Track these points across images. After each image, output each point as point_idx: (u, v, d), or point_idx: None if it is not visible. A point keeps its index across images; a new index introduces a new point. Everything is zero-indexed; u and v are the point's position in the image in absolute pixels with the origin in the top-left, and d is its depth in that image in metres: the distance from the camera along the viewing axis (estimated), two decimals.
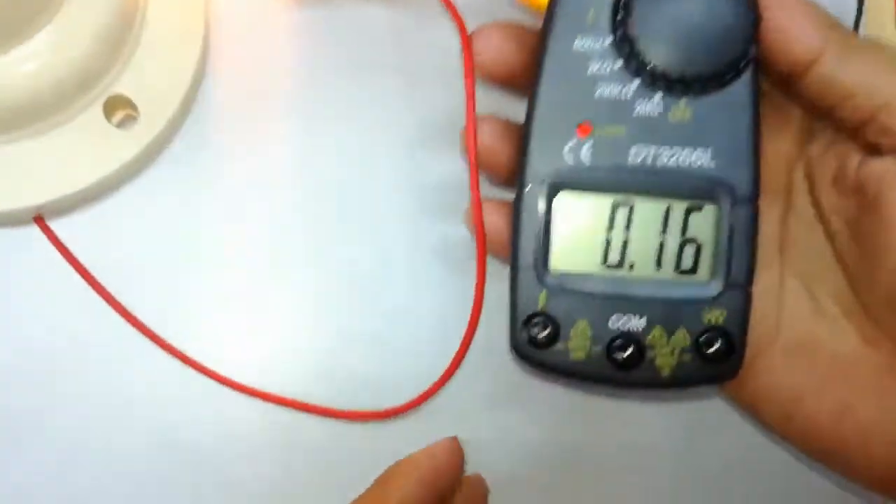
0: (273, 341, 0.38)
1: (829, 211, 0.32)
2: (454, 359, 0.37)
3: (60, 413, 0.37)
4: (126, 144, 0.38)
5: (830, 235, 0.32)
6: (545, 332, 0.31)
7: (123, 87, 0.38)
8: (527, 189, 0.31)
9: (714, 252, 0.31)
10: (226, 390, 0.37)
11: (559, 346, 0.31)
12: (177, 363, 0.38)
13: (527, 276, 0.31)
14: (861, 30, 0.39)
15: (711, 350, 0.31)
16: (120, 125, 0.39)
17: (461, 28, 0.33)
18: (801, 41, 0.30)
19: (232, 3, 0.40)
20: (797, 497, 0.37)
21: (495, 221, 0.33)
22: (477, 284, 0.35)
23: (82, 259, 0.38)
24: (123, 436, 0.37)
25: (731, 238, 0.31)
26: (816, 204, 0.32)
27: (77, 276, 0.38)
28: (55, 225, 0.38)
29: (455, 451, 0.34)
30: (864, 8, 0.38)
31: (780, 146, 0.33)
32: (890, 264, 0.30)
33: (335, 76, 0.40)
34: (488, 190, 0.35)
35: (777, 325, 0.32)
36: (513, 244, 0.32)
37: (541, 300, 0.31)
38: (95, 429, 0.37)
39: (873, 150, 0.30)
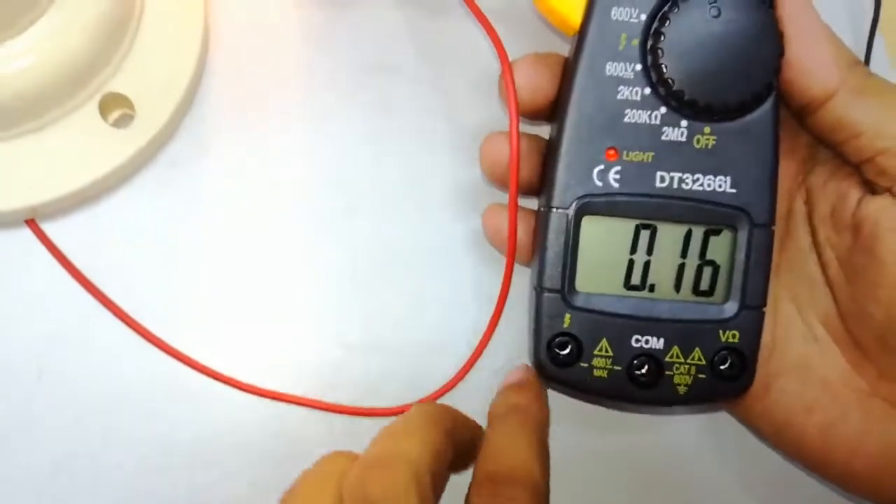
0: (276, 342, 0.38)
1: (824, 242, 0.33)
2: (469, 359, 0.38)
3: (54, 416, 0.36)
4: (122, 144, 0.37)
5: (823, 264, 0.34)
6: (568, 352, 0.32)
7: (120, 84, 0.37)
8: (554, 211, 0.32)
9: (730, 275, 0.32)
10: (226, 389, 0.37)
11: (582, 364, 0.32)
12: (176, 364, 0.37)
13: (553, 297, 0.32)
14: (877, 34, 0.40)
15: (725, 368, 0.32)
16: (116, 124, 0.38)
17: (501, 55, 0.33)
18: (819, 78, 0.31)
19: None
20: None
21: (504, 224, 0.34)
22: (503, 284, 0.36)
23: (77, 263, 0.37)
24: (118, 437, 0.36)
25: (747, 262, 0.32)
26: (813, 232, 0.34)
27: (72, 280, 0.37)
28: (48, 227, 0.37)
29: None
30: (881, 11, 0.40)
31: (785, 172, 0.34)
32: (880, 303, 0.31)
33: (342, 74, 0.39)
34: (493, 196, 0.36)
35: (770, 347, 0.34)
36: (538, 265, 0.32)
37: (566, 321, 0.32)
38: (89, 431, 0.36)
39: (870, 187, 0.32)
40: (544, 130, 0.34)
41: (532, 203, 0.34)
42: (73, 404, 0.36)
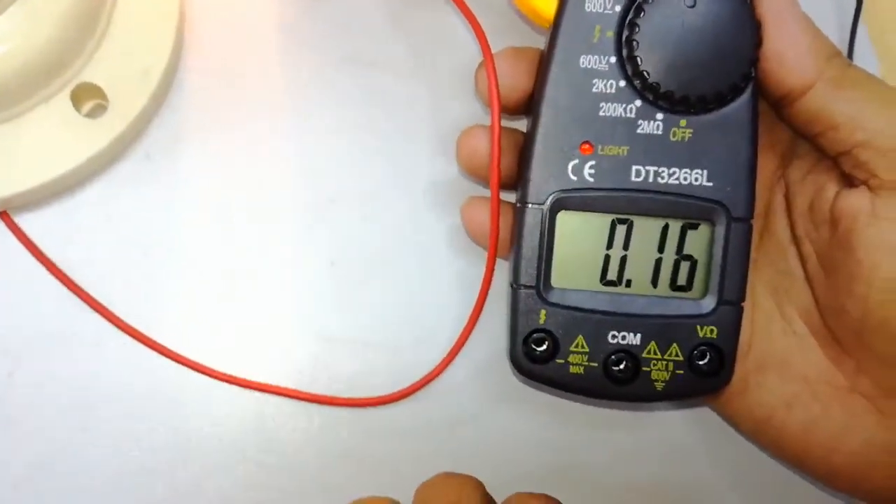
0: (255, 336, 0.37)
1: (803, 236, 0.33)
2: (451, 350, 0.37)
3: (28, 414, 0.36)
4: (96, 135, 0.36)
5: (803, 259, 0.33)
6: (544, 348, 0.32)
7: (93, 74, 0.36)
8: (529, 207, 0.31)
9: (708, 270, 0.32)
10: (206, 384, 0.37)
11: (558, 360, 0.32)
12: (155, 358, 0.37)
13: (528, 293, 0.32)
14: (860, 23, 0.39)
15: (703, 364, 0.32)
16: (89, 115, 0.37)
17: (484, 47, 0.33)
18: (796, 70, 0.30)
19: None
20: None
21: (483, 217, 0.34)
22: (485, 276, 0.36)
23: (51, 255, 0.37)
24: (96, 434, 0.36)
25: (724, 256, 0.32)
26: (792, 227, 0.33)
27: (46, 273, 0.36)
28: (21, 219, 0.37)
29: None
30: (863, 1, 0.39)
31: (764, 165, 0.33)
32: (856, 298, 0.31)
33: (322, 66, 0.39)
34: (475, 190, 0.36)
35: (749, 341, 0.34)
36: (514, 261, 0.32)
37: (541, 317, 0.31)
38: (66, 429, 0.36)
39: (847, 180, 0.31)
40: (523, 124, 0.34)
41: (510, 196, 0.34)
42: (49, 401, 0.36)
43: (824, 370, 0.33)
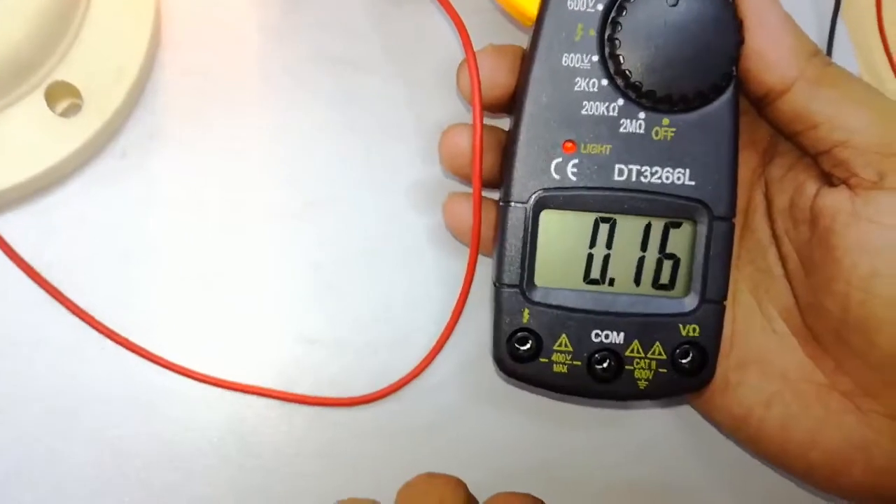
0: (236, 338, 0.37)
1: (783, 235, 0.33)
2: (433, 349, 0.37)
3: (5, 418, 0.35)
4: (70, 135, 0.36)
5: (783, 257, 0.33)
6: (528, 347, 0.32)
7: (67, 73, 0.36)
8: (512, 206, 0.31)
9: (691, 268, 0.32)
10: (184, 388, 0.36)
11: (541, 359, 0.32)
12: (134, 361, 0.36)
13: (511, 292, 0.32)
14: (838, 25, 0.39)
15: (686, 363, 0.32)
16: (64, 114, 0.37)
17: (466, 43, 0.32)
18: (777, 69, 0.30)
19: None
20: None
21: (465, 213, 0.34)
22: (467, 274, 0.35)
23: (27, 257, 0.36)
24: (73, 439, 0.36)
25: (707, 255, 0.32)
26: (772, 225, 0.34)
27: (22, 275, 0.36)
28: None
29: None
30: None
31: (745, 163, 0.34)
32: (835, 297, 0.31)
33: (302, 64, 0.38)
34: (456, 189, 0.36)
35: (730, 339, 0.34)
36: (497, 260, 0.32)
37: (525, 316, 0.31)
38: (42, 434, 0.36)
39: (827, 179, 0.32)
40: (505, 122, 0.34)
41: (493, 194, 0.34)
42: (25, 406, 0.36)
43: (804, 368, 0.33)
